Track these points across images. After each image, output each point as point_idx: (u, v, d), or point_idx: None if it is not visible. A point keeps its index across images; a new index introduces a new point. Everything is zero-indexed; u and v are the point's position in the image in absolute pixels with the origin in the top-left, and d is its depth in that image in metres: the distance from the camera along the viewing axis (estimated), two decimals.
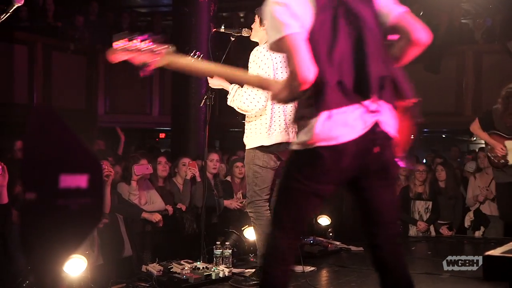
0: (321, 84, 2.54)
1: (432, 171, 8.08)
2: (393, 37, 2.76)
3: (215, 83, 4.85)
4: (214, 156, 6.86)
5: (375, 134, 2.59)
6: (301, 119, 2.66)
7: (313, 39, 2.54)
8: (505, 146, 6.22)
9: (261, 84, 3.05)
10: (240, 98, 4.60)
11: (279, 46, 2.56)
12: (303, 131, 2.64)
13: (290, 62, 2.53)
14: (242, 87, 4.67)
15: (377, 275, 2.81)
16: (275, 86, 2.76)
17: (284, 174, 2.81)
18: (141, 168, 6.03)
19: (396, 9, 2.67)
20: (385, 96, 2.62)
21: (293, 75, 2.54)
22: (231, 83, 4.77)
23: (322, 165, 2.61)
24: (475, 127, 6.51)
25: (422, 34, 2.66)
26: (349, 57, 2.58)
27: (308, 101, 2.61)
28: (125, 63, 2.79)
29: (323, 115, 2.55)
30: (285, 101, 2.83)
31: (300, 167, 2.68)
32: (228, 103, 4.73)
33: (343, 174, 2.66)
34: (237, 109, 4.71)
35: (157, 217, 5.93)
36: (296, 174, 2.69)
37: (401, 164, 2.80)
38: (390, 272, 2.76)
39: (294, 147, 2.70)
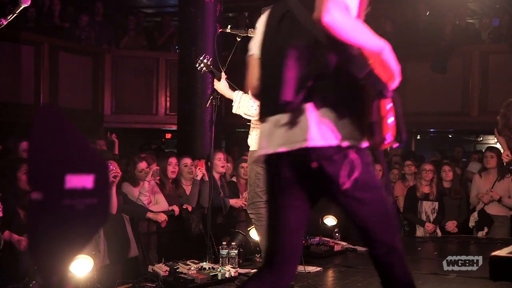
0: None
1: (439, 171, 8.06)
2: None
3: (220, 87, 4.88)
4: (221, 155, 6.85)
5: (301, 152, 2.50)
6: None
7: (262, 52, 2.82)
8: (511, 153, 6.15)
9: None
10: (246, 104, 4.61)
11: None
12: None
13: None
14: (246, 93, 4.68)
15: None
16: None
17: None
18: (159, 172, 6.14)
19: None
20: (315, 97, 2.49)
21: None
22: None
23: (266, 174, 2.73)
24: (495, 130, 6.46)
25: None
26: (273, 65, 2.63)
27: None
28: (131, 64, 2.88)
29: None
30: None
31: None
32: (234, 111, 4.74)
33: (293, 185, 2.61)
34: (243, 115, 4.72)
35: (162, 217, 5.93)
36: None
37: (394, 145, 2.59)
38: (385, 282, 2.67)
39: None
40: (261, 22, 2.88)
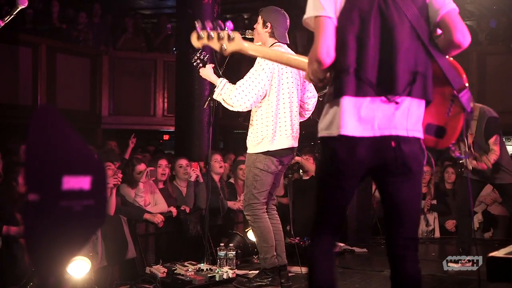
0: (340, 71, 2.63)
1: (438, 172, 8.08)
2: (438, 32, 2.78)
3: (204, 72, 4.86)
4: (218, 157, 6.85)
5: (391, 136, 2.61)
6: (324, 107, 2.75)
7: (342, 26, 2.64)
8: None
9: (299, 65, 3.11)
10: (229, 93, 4.59)
11: (312, 23, 2.69)
12: (322, 118, 2.73)
13: (315, 41, 2.64)
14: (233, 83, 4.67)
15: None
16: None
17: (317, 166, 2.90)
18: (154, 172, 6.13)
19: (446, 7, 2.68)
20: (415, 92, 2.63)
21: (313, 54, 2.63)
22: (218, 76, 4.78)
23: (338, 156, 2.65)
24: None
25: (461, 37, 2.65)
26: (375, 49, 2.62)
27: (329, 88, 2.72)
28: (129, 65, 2.84)
29: (340, 101, 2.61)
30: (312, 81, 2.83)
31: (322, 158, 2.81)
32: (214, 96, 4.72)
33: (361, 167, 2.66)
34: (222, 102, 4.70)
35: (159, 218, 5.93)
36: (322, 167, 2.82)
37: (455, 154, 2.86)
38: (399, 272, 2.73)
39: (319, 134, 2.75)
40: None
